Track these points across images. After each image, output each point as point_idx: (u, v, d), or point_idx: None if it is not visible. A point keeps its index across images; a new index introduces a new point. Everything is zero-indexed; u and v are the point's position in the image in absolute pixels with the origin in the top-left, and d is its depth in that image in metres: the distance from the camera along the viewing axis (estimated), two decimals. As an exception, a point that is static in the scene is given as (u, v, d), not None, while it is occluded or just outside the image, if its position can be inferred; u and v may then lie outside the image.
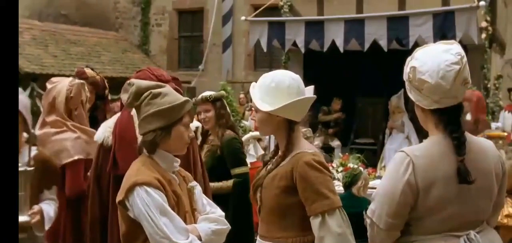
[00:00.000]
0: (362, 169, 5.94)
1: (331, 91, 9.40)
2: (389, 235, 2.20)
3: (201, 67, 17.06)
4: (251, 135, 6.08)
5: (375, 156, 9.04)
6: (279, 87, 2.50)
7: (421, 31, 7.53)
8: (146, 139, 2.42)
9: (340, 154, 7.99)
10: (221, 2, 16.62)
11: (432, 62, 2.11)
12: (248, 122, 11.01)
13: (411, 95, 2.22)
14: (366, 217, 2.27)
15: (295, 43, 8.56)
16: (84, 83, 3.70)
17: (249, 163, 5.76)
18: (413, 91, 2.20)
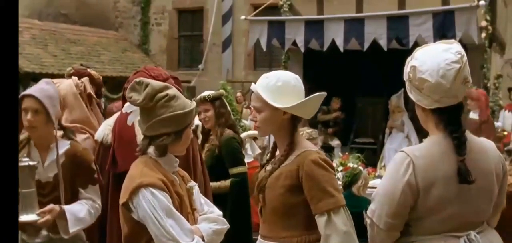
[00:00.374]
0: (362, 168, 5.94)
1: (331, 90, 9.33)
2: (389, 235, 2.20)
3: (201, 66, 17.06)
4: (247, 133, 6.04)
5: (375, 155, 9.04)
6: (286, 86, 2.49)
7: (421, 30, 7.53)
8: (158, 142, 2.37)
9: (340, 153, 7.98)
10: (221, 1, 16.61)
11: (432, 61, 2.10)
12: (248, 121, 10.99)
13: (411, 95, 2.22)
14: (366, 217, 2.27)
15: (295, 43, 8.55)
16: (88, 79, 3.72)
17: (246, 162, 5.75)
18: (413, 91, 2.19)
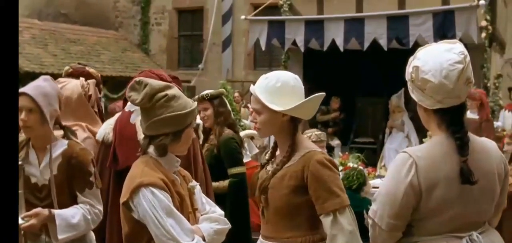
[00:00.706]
0: (362, 168, 5.94)
1: (331, 90, 9.39)
2: (391, 236, 2.19)
3: (200, 66, 17.05)
4: (245, 133, 5.99)
5: (375, 155, 9.05)
6: (285, 87, 2.48)
7: (421, 30, 7.53)
8: (158, 142, 2.37)
9: (340, 153, 8.00)
10: (220, 1, 16.60)
11: (435, 61, 2.09)
12: (248, 121, 10.99)
13: (413, 95, 2.20)
14: (367, 217, 2.26)
15: (295, 43, 8.56)
16: (95, 82, 3.73)
17: (245, 162, 5.74)
18: (415, 91, 2.18)
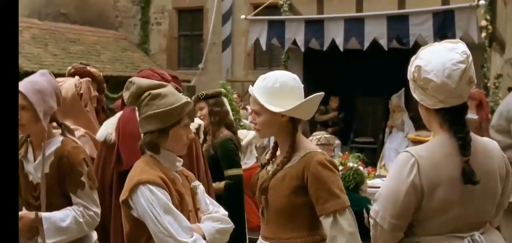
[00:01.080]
0: (361, 168, 5.93)
1: (331, 90, 9.41)
2: (392, 236, 2.19)
3: (200, 66, 17.05)
4: (248, 139, 5.93)
5: (375, 155, 9.04)
6: (283, 88, 2.47)
7: (421, 30, 7.53)
8: (145, 139, 2.43)
9: (339, 153, 7.98)
10: (220, 1, 16.60)
11: (437, 61, 2.09)
12: (248, 121, 10.99)
13: (415, 95, 2.20)
14: (369, 217, 2.26)
15: (295, 42, 8.55)
16: (90, 81, 3.69)
17: (249, 163, 5.71)
18: (417, 90, 2.17)
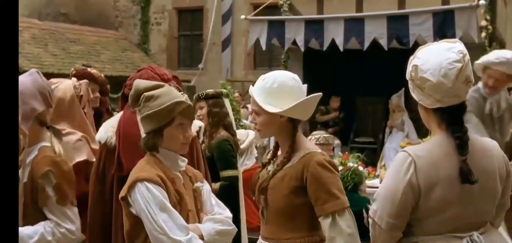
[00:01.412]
0: (361, 168, 5.92)
1: (331, 90, 9.41)
2: (390, 236, 2.19)
3: (200, 66, 17.04)
4: (249, 140, 5.89)
5: (375, 154, 9.04)
6: (282, 88, 2.47)
7: (421, 30, 7.53)
8: (143, 140, 2.51)
9: (339, 153, 7.98)
10: (220, 1, 16.59)
11: (434, 60, 2.09)
12: (248, 121, 10.98)
13: (413, 94, 2.21)
14: (368, 217, 2.26)
15: (294, 42, 8.55)
16: (86, 82, 3.67)
17: (249, 164, 5.69)
18: (416, 90, 2.18)
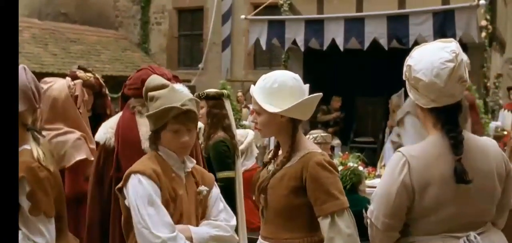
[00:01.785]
0: (362, 168, 5.92)
1: (331, 90, 9.41)
2: (387, 236, 2.19)
3: (200, 66, 17.05)
4: (249, 140, 5.87)
5: (375, 154, 9.03)
6: (282, 88, 2.46)
7: (421, 30, 7.53)
8: (149, 136, 2.55)
9: (340, 152, 7.97)
10: (220, 0, 16.60)
11: (426, 60, 2.10)
12: (248, 121, 10.98)
13: (410, 94, 2.21)
14: (366, 217, 2.26)
15: (295, 42, 8.56)
16: (81, 82, 3.65)
17: (249, 164, 5.67)
18: (412, 90, 2.18)
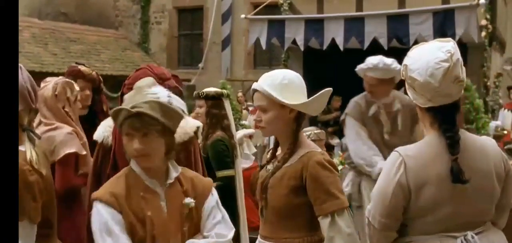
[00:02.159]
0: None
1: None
2: (384, 235, 2.19)
3: (200, 65, 17.06)
4: (243, 133, 5.89)
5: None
6: (291, 84, 2.47)
7: (421, 29, 7.52)
8: None
9: (339, 152, 7.98)
10: (220, 0, 16.61)
11: (422, 60, 2.10)
12: (247, 121, 10.98)
13: (409, 93, 2.21)
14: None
15: (294, 42, 8.55)
16: (69, 82, 3.71)
17: (248, 163, 5.68)
18: (409, 89, 2.19)
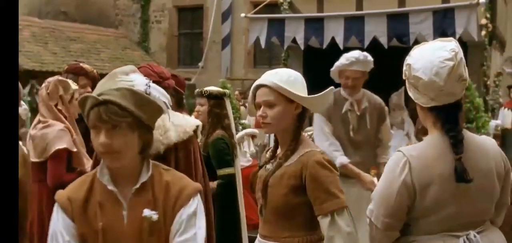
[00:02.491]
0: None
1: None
2: (387, 235, 2.19)
3: (200, 64, 17.05)
4: (245, 132, 5.91)
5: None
6: (296, 81, 2.49)
7: (421, 28, 7.51)
8: None
9: (339, 151, 7.97)
10: (220, -1, 16.64)
11: (426, 59, 2.10)
12: (247, 120, 10.97)
13: (410, 93, 2.21)
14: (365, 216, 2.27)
15: (294, 40, 8.54)
16: (63, 80, 3.74)
17: (247, 162, 5.68)
18: (412, 89, 2.19)
